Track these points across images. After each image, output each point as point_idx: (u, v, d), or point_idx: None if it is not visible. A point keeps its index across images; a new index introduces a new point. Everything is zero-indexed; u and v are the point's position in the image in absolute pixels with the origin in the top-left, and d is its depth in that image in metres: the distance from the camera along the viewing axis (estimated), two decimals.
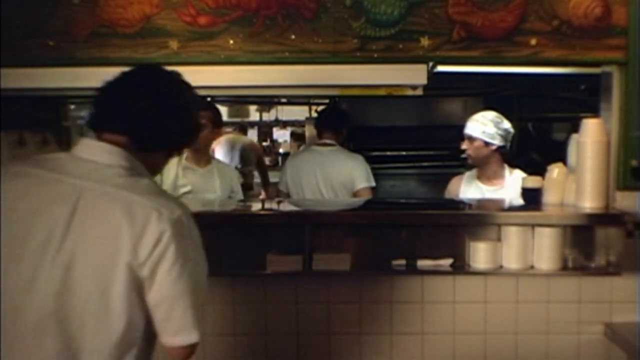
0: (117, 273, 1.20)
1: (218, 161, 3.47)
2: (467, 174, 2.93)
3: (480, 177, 2.84)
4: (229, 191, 3.11)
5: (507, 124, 2.76)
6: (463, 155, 2.80)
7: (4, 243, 1.22)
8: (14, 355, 1.21)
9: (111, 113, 1.35)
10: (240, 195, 3.21)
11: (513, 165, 2.84)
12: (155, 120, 1.36)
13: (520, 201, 2.60)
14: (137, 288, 1.23)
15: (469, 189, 2.84)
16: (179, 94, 1.41)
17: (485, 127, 2.69)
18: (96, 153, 1.30)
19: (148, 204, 1.23)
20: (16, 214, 1.24)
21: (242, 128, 5.96)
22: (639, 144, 2.15)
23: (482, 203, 2.60)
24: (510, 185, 2.75)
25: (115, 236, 1.20)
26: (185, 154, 3.06)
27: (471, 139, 2.73)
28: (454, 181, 2.97)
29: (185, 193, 2.93)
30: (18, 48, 2.10)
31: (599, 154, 2.09)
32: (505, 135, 2.73)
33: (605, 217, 2.09)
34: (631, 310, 2.19)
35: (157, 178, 3.06)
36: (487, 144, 2.71)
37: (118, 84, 1.38)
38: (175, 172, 3.03)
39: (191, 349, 1.30)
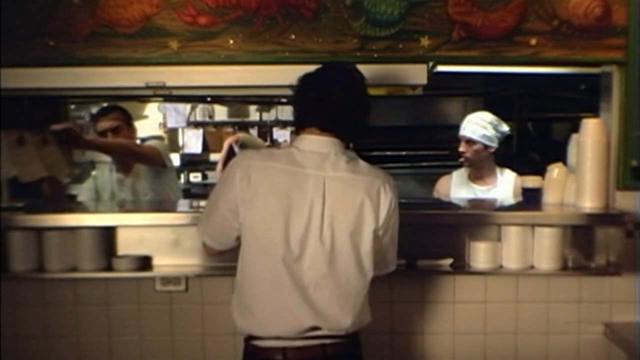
0: (364, 237, 1.56)
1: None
2: (455, 173, 2.89)
3: (472, 178, 2.81)
4: (163, 193, 2.92)
5: (505, 127, 2.76)
6: (461, 159, 2.78)
7: (266, 224, 1.53)
8: (295, 305, 1.54)
9: (322, 117, 1.59)
10: (178, 193, 3.07)
11: (502, 165, 2.83)
12: (354, 115, 1.62)
13: (512, 200, 2.60)
14: (374, 243, 1.58)
15: (460, 190, 2.81)
16: (364, 86, 1.65)
17: (485, 130, 2.68)
18: (317, 145, 1.58)
19: (376, 182, 1.58)
20: (277, 200, 1.52)
21: (242, 127, 5.95)
22: (639, 144, 2.15)
23: (479, 203, 2.60)
24: (502, 185, 2.74)
25: (360, 211, 1.55)
26: (116, 166, 2.90)
27: (470, 141, 2.72)
28: (442, 181, 2.93)
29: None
30: (18, 48, 2.10)
31: (599, 154, 2.09)
32: (502, 137, 2.73)
33: (605, 217, 2.09)
34: (631, 310, 2.19)
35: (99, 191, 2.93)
36: (486, 146, 2.70)
37: (317, 86, 1.59)
38: (111, 187, 2.89)
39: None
